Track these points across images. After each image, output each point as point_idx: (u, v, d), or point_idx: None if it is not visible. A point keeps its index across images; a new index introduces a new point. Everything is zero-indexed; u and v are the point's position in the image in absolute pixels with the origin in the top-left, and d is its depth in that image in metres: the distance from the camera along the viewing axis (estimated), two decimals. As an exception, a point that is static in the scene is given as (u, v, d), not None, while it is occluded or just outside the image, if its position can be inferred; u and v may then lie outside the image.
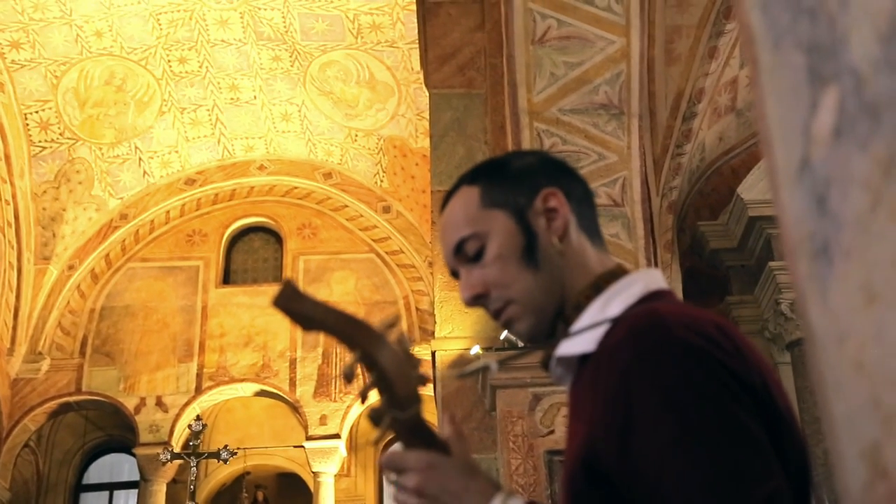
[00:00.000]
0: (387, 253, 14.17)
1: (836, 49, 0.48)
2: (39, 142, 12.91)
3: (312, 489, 13.45)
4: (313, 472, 13.33)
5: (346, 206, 14.54)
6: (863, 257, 0.48)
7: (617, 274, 1.31)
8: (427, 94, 7.32)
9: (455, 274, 1.36)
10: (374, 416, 1.17)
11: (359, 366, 1.13)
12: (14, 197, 12.67)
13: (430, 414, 8.79)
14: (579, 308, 1.28)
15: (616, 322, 1.18)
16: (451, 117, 6.73)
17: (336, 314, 1.12)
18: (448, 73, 6.94)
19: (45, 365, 13.14)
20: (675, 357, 1.07)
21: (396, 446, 1.24)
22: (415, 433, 1.20)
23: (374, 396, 1.18)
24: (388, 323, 1.15)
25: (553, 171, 1.37)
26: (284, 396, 13.34)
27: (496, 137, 6.47)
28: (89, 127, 13.14)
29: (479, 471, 1.21)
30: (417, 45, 8.16)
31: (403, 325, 13.36)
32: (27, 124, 12.71)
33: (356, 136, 13.87)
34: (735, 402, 1.04)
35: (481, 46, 6.96)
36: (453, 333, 6.29)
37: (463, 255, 1.32)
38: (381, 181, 14.06)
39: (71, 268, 13.60)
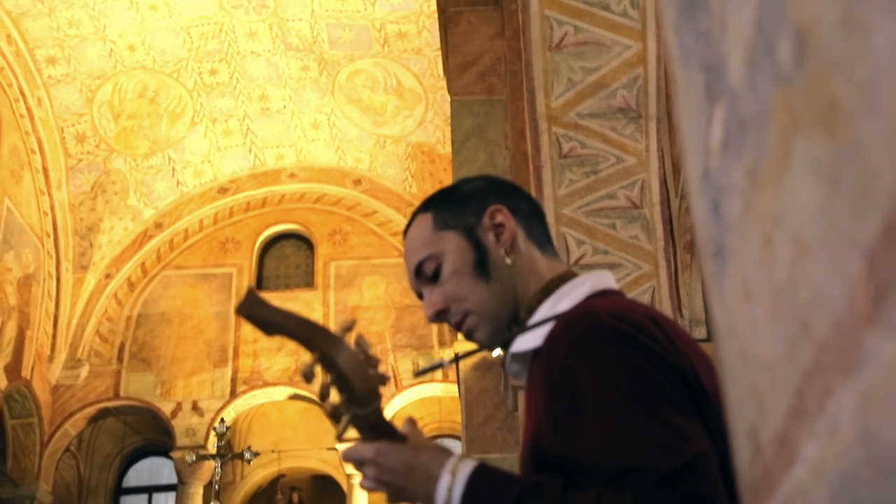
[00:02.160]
0: (417, 257, 14.25)
1: (721, 70, 0.53)
2: (76, 154, 13.19)
3: (346, 491, 13.56)
4: (347, 475, 13.45)
5: (376, 211, 14.67)
6: (740, 257, 0.54)
7: (566, 277, 1.41)
8: (453, 101, 7.43)
9: (420, 295, 1.47)
10: (334, 414, 1.23)
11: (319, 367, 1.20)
12: (52, 208, 12.95)
13: (455, 413, 8.88)
14: (531, 311, 1.38)
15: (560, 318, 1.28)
16: (472, 123, 6.85)
17: (295, 319, 1.20)
18: (469, 79, 7.05)
19: (84, 371, 13.40)
20: (605, 341, 1.17)
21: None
22: (374, 429, 1.26)
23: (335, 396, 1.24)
24: (345, 326, 1.23)
25: (499, 191, 1.48)
26: (318, 400, 13.44)
27: (516, 142, 6.57)
28: (124, 139, 13.41)
29: (431, 446, 1.28)
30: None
31: (433, 328, 13.47)
32: (64, 137, 12.99)
33: (385, 142, 14.01)
34: (662, 376, 1.14)
35: (501, 53, 7.06)
36: (477, 335, 6.38)
37: (423, 277, 1.43)
38: (410, 186, 14.19)
39: (108, 276, 13.84)
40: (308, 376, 1.17)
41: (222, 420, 12.06)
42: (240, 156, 14.44)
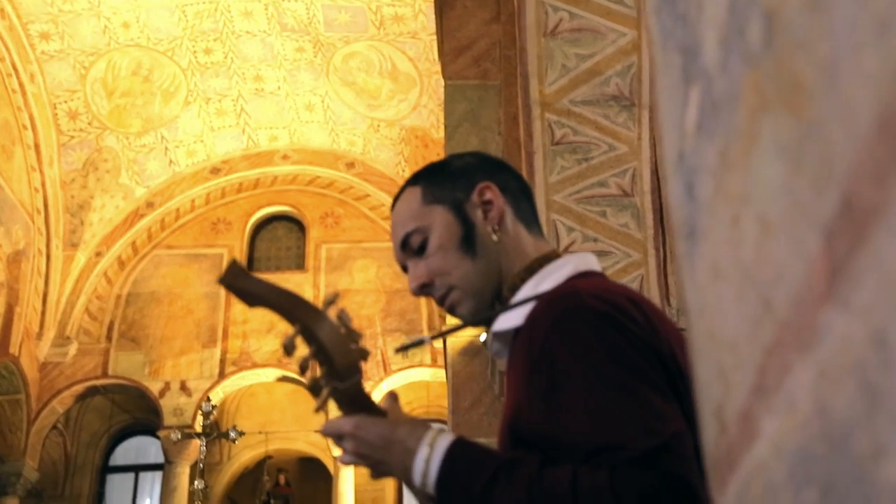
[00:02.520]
0: (408, 242, 14.26)
1: (697, 51, 0.54)
2: (68, 131, 13.14)
3: (333, 473, 13.60)
4: (334, 457, 13.48)
5: (369, 195, 14.66)
6: (710, 237, 0.55)
7: (551, 257, 1.42)
8: (447, 86, 7.43)
9: (405, 268, 1.48)
10: (314, 387, 1.23)
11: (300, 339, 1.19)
12: (43, 185, 12.91)
13: (443, 398, 8.93)
14: (515, 289, 1.39)
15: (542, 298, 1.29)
16: (465, 108, 6.84)
17: (278, 291, 1.19)
18: (463, 64, 7.04)
19: (72, 349, 13.39)
20: (586, 320, 1.18)
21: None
22: (354, 403, 1.26)
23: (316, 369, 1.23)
24: (328, 300, 1.22)
25: (489, 168, 1.49)
26: (306, 382, 13.46)
27: (509, 128, 6.58)
28: (116, 116, 13.37)
29: (409, 420, 1.29)
30: (436, 37, 8.27)
31: (423, 312, 13.49)
32: (56, 114, 12.94)
33: (378, 126, 14.00)
34: (640, 357, 1.15)
35: (496, 38, 7.05)
36: (466, 320, 6.40)
37: (409, 249, 1.44)
38: (403, 171, 14.17)
39: (98, 254, 13.82)
40: (289, 348, 1.16)
41: (208, 399, 12.08)
42: (233, 136, 14.41)
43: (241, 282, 1.18)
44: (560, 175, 5.88)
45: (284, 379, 13.78)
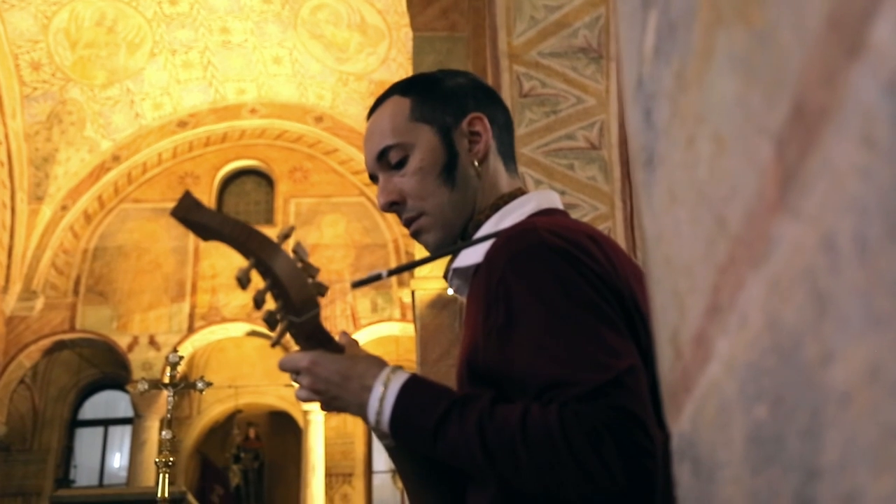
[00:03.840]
0: (377, 197, 14.22)
1: None
2: (31, 82, 12.90)
3: (303, 427, 13.66)
4: (304, 411, 13.54)
5: (337, 149, 14.58)
6: (668, 162, 0.55)
7: (516, 195, 1.41)
8: (416, 39, 7.37)
9: (373, 178, 1.46)
10: (270, 320, 1.20)
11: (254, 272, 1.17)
12: (6, 137, 12.71)
13: (412, 353, 8.97)
14: (478, 226, 1.39)
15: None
16: (433, 60, 6.79)
17: (232, 223, 1.17)
18: (432, 15, 6.99)
19: (39, 303, 13.29)
20: (542, 257, 1.17)
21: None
22: (310, 338, 1.25)
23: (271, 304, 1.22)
24: (283, 233, 1.21)
25: (481, 97, 1.45)
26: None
27: (478, 80, 6.53)
28: (80, 68, 13.14)
29: (366, 357, 1.28)
30: (405, -12, 8.18)
31: (392, 265, 13.51)
32: (18, 65, 12.69)
33: (347, 79, 13.87)
34: (597, 294, 1.14)
35: (465, -10, 6.99)
36: (433, 273, 6.42)
37: (385, 162, 1.41)
38: (372, 125, 14.08)
39: (64, 208, 13.67)
40: (243, 282, 1.14)
41: (175, 350, 12.06)
42: (200, 89, 14.23)
43: (194, 214, 1.16)
44: (528, 128, 5.87)
45: (254, 334, 13.77)
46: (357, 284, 1.29)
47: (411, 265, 1.35)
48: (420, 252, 6.56)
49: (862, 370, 0.31)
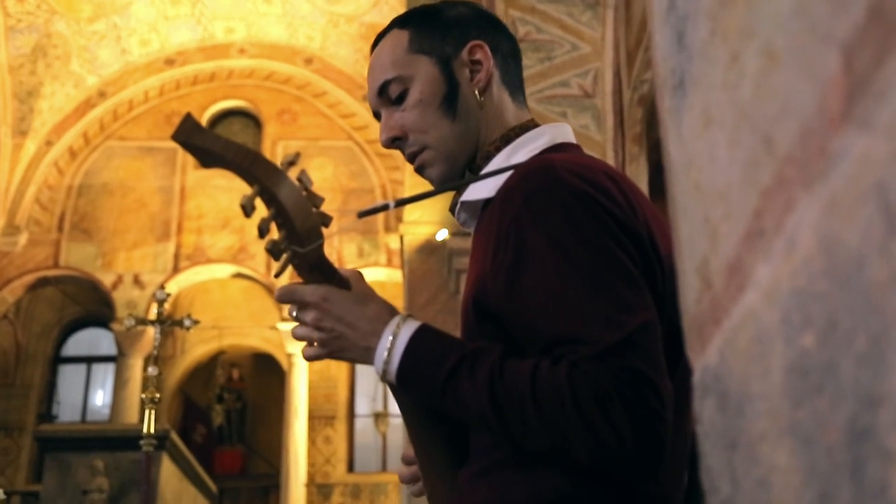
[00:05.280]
0: (366, 141, 14.17)
1: None
2: (15, 13, 12.67)
3: (287, 370, 13.72)
4: (288, 354, 13.58)
5: (326, 92, 14.45)
6: (703, 83, 0.52)
7: (528, 127, 1.37)
8: (407, -21, 7.26)
9: (377, 115, 1.41)
10: (274, 250, 1.15)
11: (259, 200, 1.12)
12: (-10, 69, 12.54)
13: (398, 298, 8.98)
14: (488, 158, 1.35)
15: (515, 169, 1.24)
16: (427, 2, 6.69)
17: (235, 148, 1.11)
18: (427, -43, 6.87)
19: (22, 239, 13.20)
20: (561, 198, 1.13)
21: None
22: (314, 269, 1.21)
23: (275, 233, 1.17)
24: (288, 159, 1.17)
25: (483, 25, 1.41)
26: (260, 279, 13.49)
27: (472, 24, 6.46)
28: (66, 1, 12.92)
29: (376, 298, 1.25)
30: (399, -72, 8.04)
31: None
32: (2, -5, 12.48)
33: (338, 21, 13.70)
34: (614, 242, 1.11)
35: (462, -69, 6.87)
36: (422, 219, 6.40)
37: (386, 98, 1.37)
38: (362, 68, 13.94)
39: (48, 143, 13.53)
40: (248, 209, 1.10)
41: (162, 287, 12.07)
42: (188, 27, 14.03)
43: (196, 138, 1.11)
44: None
45: (239, 276, 13.76)
46: (364, 214, 1.25)
47: (420, 196, 1.32)
48: (424, 201, 6.53)
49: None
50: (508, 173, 1.24)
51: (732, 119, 0.49)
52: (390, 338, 1.18)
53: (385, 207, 1.23)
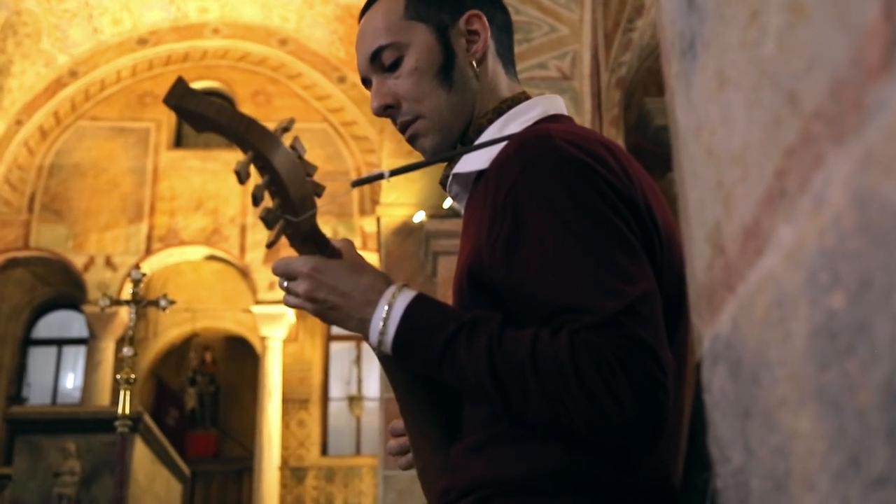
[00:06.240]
0: (341, 124, 14.09)
1: None
2: (-15, -9, 12.49)
3: (260, 353, 13.66)
4: (261, 337, 13.52)
5: (301, 74, 14.35)
6: (718, 44, 0.51)
7: (520, 99, 1.36)
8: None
9: (366, 82, 1.40)
10: (268, 218, 1.14)
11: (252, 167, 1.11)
12: (-41, 47, 12.34)
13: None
14: (480, 130, 1.34)
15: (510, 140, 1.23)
16: (405, -17, 6.65)
17: (229, 113, 1.09)
18: (405, -63, 6.82)
19: (-9, 219, 13.07)
20: (558, 168, 1.12)
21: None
22: (307, 239, 1.20)
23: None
24: (282, 126, 1.16)
25: None
26: (234, 262, 13.42)
27: (450, 6, 6.43)
28: (37, -22, 12.73)
29: (370, 268, 1.25)
30: None
31: (354, 194, 13.42)
32: (-28, -29, 12.28)
33: (313, 2, 13.59)
34: (613, 212, 1.10)
35: (439, -89, 6.83)
36: (399, 200, 6.38)
37: (378, 64, 1.35)
38: (338, 50, 13.85)
39: (18, 122, 13.35)
40: (242, 176, 1.07)
41: (137, 267, 12.02)
42: (160, 6, 13.86)
43: (188, 102, 1.08)
44: (500, 55, 5.80)
45: (212, 258, 13.67)
46: (357, 183, 1.24)
47: (414, 166, 1.30)
48: (400, 182, 6.50)
49: None
50: (502, 144, 1.23)
51: (751, 79, 0.47)
52: (386, 307, 1.17)
53: (380, 176, 1.22)
